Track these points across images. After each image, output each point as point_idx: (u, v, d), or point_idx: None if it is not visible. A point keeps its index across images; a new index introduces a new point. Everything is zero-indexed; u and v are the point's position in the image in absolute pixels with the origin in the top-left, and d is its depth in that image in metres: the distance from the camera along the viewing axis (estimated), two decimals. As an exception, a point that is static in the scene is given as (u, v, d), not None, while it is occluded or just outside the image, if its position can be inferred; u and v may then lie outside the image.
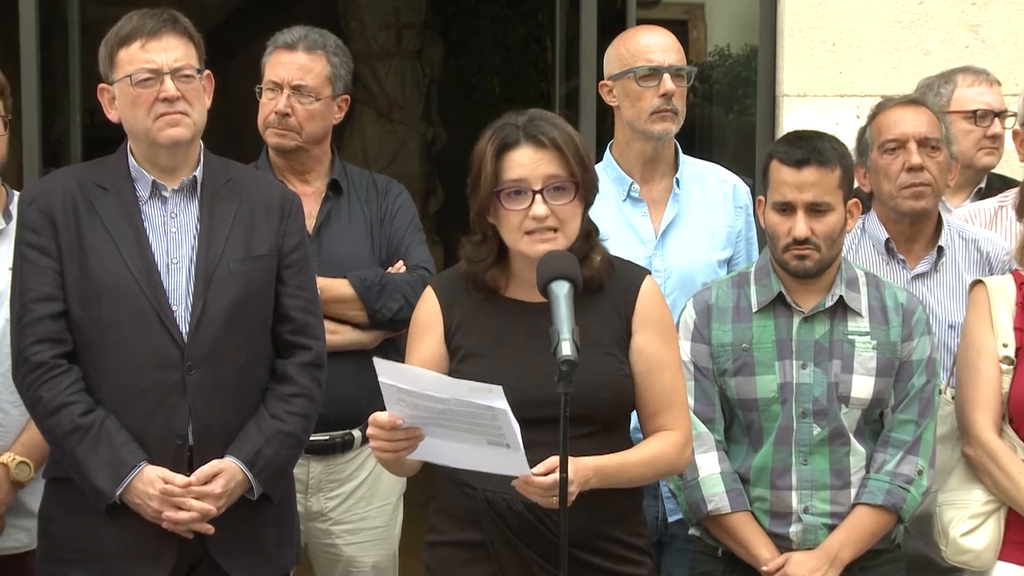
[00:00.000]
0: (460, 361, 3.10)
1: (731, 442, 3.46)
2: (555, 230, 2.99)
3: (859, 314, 3.42)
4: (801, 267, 3.37)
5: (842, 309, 3.42)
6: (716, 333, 3.43)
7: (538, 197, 2.98)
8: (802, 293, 3.42)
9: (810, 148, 3.35)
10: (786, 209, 3.37)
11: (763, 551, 3.38)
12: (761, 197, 3.47)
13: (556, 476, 2.81)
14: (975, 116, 4.33)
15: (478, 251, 3.10)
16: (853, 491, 3.39)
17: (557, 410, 2.77)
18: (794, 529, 3.40)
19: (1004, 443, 3.47)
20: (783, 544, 3.40)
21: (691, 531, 3.55)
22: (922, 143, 3.73)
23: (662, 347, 3.09)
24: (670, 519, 3.84)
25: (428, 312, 3.15)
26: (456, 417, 2.77)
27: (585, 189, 3.03)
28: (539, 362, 2.89)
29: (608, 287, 3.07)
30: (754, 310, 3.43)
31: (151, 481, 3.16)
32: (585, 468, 2.89)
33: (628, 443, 3.10)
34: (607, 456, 2.97)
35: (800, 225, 3.34)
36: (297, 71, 3.91)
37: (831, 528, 3.38)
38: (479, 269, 3.09)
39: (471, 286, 3.11)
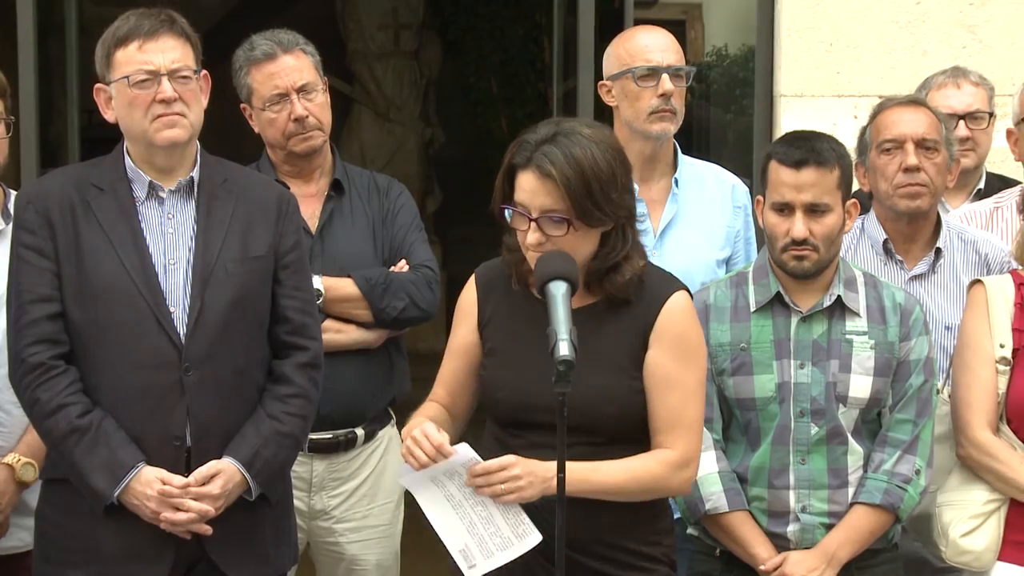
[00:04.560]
0: (487, 355, 3.14)
1: (729, 441, 3.46)
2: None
3: (857, 314, 3.42)
4: (799, 268, 3.37)
5: (840, 309, 3.42)
6: (714, 333, 3.43)
7: (533, 225, 2.96)
8: (800, 293, 3.42)
9: (808, 148, 3.35)
10: (784, 210, 3.37)
11: (761, 550, 3.38)
12: (760, 197, 3.47)
13: (497, 462, 2.90)
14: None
15: (515, 241, 3.08)
16: (851, 490, 3.39)
17: (572, 417, 2.77)
18: (792, 528, 3.40)
19: (1000, 439, 3.47)
20: (781, 543, 3.40)
21: (689, 530, 3.56)
22: (920, 144, 3.73)
23: (675, 367, 3.04)
24: (669, 518, 3.84)
25: (467, 300, 3.18)
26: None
27: (587, 219, 2.95)
28: (551, 367, 2.87)
29: (633, 301, 3.05)
30: (752, 310, 3.43)
31: (149, 482, 3.16)
32: (545, 470, 2.88)
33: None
34: (578, 463, 2.93)
35: (798, 226, 3.34)
36: (294, 73, 3.91)
37: (829, 527, 3.39)
38: (515, 259, 3.08)
39: (513, 276, 3.10)
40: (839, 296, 3.41)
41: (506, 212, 3.01)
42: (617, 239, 3.03)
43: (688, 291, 3.13)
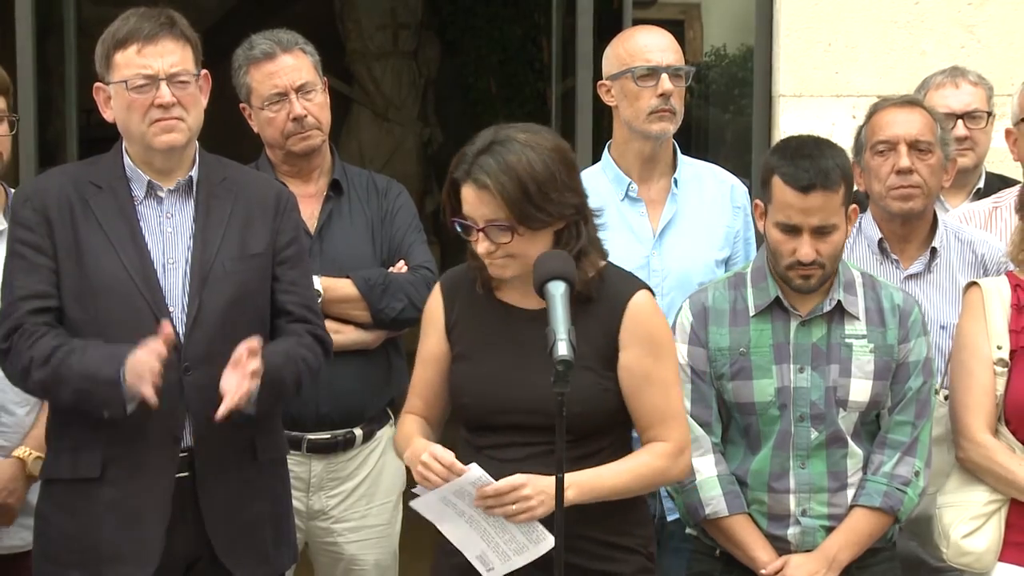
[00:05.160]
0: (455, 360, 3.15)
1: (728, 444, 3.45)
2: (510, 256, 3.00)
3: (856, 317, 3.41)
4: (805, 286, 3.35)
5: (839, 312, 3.41)
6: (713, 336, 3.42)
7: (480, 235, 3.00)
8: (799, 297, 3.41)
9: (816, 171, 3.28)
10: (791, 231, 3.34)
11: (761, 554, 3.38)
12: (758, 202, 3.45)
13: (507, 483, 2.91)
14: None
15: None
16: (850, 493, 3.39)
17: (538, 418, 2.85)
18: (792, 531, 3.39)
19: (1000, 441, 3.47)
20: (781, 546, 3.39)
21: (688, 530, 3.55)
22: (913, 145, 3.72)
23: (651, 363, 3.07)
24: (668, 518, 3.83)
25: (433, 308, 3.20)
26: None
27: (529, 223, 2.97)
28: (523, 368, 2.90)
29: (596, 299, 3.06)
30: (751, 314, 3.42)
31: (149, 348, 3.09)
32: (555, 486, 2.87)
33: (610, 452, 3.08)
34: (582, 473, 2.98)
35: (806, 248, 3.30)
36: (292, 72, 3.91)
37: (829, 530, 3.38)
38: (479, 264, 3.10)
39: (478, 280, 3.12)
40: (839, 300, 3.40)
41: (456, 225, 3.03)
42: (571, 236, 3.04)
43: (649, 289, 3.14)
